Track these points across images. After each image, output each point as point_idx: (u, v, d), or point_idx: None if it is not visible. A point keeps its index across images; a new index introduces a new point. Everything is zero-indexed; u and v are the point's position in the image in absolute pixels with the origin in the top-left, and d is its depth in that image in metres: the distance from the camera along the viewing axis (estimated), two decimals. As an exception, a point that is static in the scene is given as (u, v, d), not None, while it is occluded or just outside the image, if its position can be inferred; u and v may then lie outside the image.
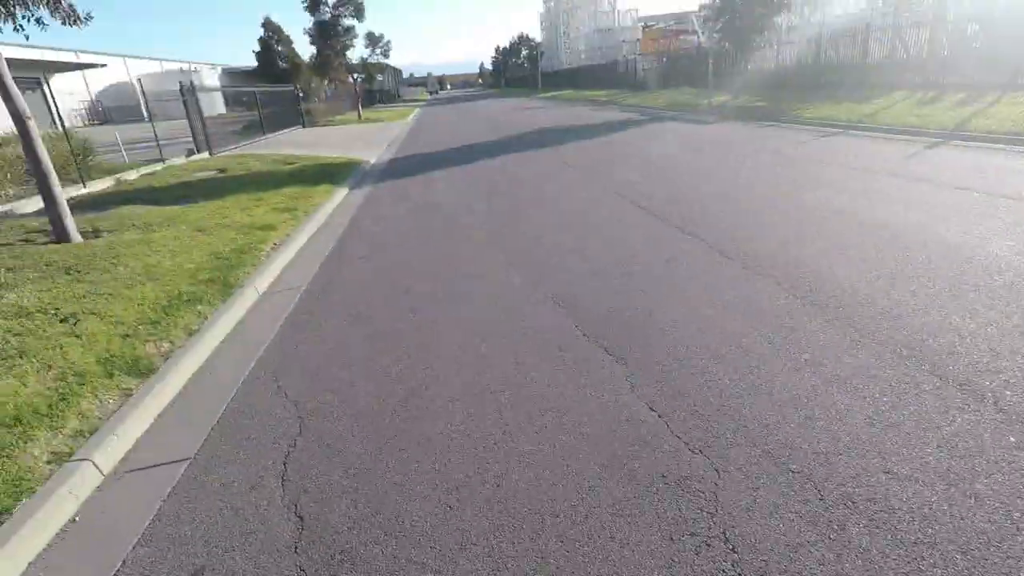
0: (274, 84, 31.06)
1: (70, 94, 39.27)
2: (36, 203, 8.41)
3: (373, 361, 3.78)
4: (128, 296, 4.75)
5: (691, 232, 5.99)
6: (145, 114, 15.61)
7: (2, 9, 6.35)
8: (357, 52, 34.90)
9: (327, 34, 32.40)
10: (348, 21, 32.43)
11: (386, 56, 37.18)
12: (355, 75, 35.97)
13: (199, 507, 2.58)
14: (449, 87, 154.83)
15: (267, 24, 40.96)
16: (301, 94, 28.84)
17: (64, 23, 6.76)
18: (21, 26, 6.67)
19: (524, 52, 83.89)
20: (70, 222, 6.48)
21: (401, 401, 3.27)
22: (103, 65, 41.88)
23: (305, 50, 39.60)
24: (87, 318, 4.29)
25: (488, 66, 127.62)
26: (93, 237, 6.66)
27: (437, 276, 5.34)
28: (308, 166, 12.87)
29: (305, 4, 31.69)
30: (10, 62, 6.58)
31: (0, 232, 6.97)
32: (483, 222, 7.18)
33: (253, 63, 43.26)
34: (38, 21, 6.72)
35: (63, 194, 6.58)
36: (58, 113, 13.06)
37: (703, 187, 8.16)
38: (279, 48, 40.68)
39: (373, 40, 37.80)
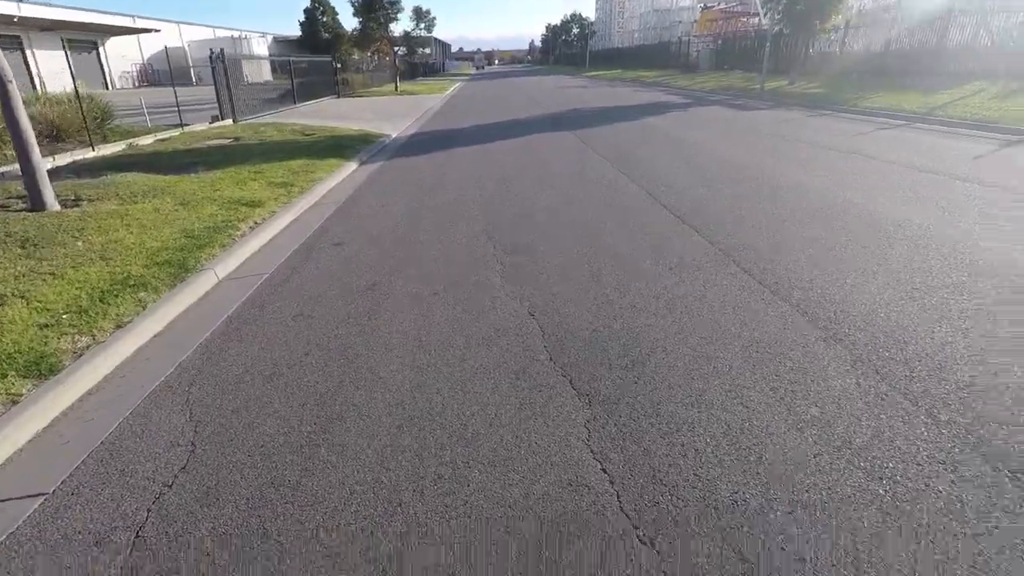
0: (315, 54, 30.86)
1: (123, 57, 40.17)
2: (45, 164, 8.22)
3: (300, 376, 3.25)
4: (71, 277, 4.36)
5: (707, 236, 5.25)
6: (193, 78, 15.48)
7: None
8: (402, 25, 34.50)
9: (371, 7, 32.07)
10: (393, -5, 31.99)
11: (429, 31, 36.52)
12: (396, 48, 35.46)
13: (26, 565, 2.11)
14: (497, 63, 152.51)
15: (313, -6, 40.83)
16: (338, 65, 28.48)
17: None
18: None
19: (575, 30, 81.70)
20: (47, 190, 6.18)
21: (311, 434, 2.73)
22: (157, 30, 42.73)
23: (350, 22, 39.40)
24: (13, 302, 3.92)
25: (538, 43, 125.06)
26: (73, 206, 6.35)
27: (410, 273, 4.77)
28: (324, 138, 12.44)
29: (352, -24, 31.38)
30: (69, 24, 6.33)
31: (-18, 197, 6.76)
32: (483, 213, 6.55)
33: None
34: None
35: (43, 162, 6.29)
36: (109, 75, 12.99)
37: (733, 182, 7.31)
38: (323, 19, 40.53)
39: (419, 15, 37.53)
